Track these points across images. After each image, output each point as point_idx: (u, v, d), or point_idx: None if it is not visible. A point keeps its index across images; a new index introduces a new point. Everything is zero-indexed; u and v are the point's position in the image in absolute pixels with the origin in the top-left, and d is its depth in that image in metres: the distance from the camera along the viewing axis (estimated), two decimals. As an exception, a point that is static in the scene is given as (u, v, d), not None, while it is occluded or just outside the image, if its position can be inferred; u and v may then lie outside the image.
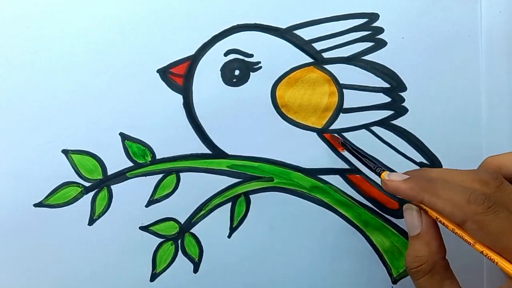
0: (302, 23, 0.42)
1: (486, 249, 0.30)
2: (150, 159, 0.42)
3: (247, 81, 0.42)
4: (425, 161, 0.43)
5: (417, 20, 0.43)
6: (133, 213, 0.43)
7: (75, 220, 0.42)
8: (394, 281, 0.44)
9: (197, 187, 0.43)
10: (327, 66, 0.43)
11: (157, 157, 0.42)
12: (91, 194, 0.42)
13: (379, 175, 0.36)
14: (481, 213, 0.30)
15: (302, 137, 0.43)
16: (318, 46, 0.42)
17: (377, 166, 0.37)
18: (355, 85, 0.43)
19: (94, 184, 0.42)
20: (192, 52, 0.42)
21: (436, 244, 0.33)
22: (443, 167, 0.43)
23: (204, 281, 0.44)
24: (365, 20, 0.42)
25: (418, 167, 0.43)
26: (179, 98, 0.42)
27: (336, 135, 0.43)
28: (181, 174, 0.43)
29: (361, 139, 0.43)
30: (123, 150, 0.42)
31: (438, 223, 0.33)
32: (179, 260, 0.43)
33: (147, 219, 0.43)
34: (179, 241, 0.43)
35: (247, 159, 0.43)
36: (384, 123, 0.43)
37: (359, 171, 0.43)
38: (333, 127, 0.43)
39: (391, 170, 0.38)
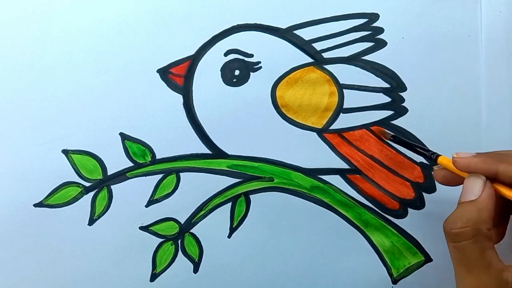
0: (302, 23, 0.42)
1: None
2: (150, 159, 0.42)
3: (247, 81, 0.42)
4: (425, 161, 0.43)
5: (417, 20, 0.43)
6: (133, 213, 0.43)
7: (75, 220, 0.42)
8: (394, 281, 0.44)
9: (197, 187, 0.43)
10: (327, 66, 0.43)
11: (157, 157, 0.42)
12: (91, 194, 0.42)
13: (435, 160, 0.36)
14: None
15: (302, 137, 0.43)
16: (318, 46, 0.42)
17: (432, 152, 0.37)
18: (355, 85, 0.43)
19: (94, 184, 0.42)
20: (192, 52, 0.42)
21: (487, 214, 0.32)
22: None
23: (204, 281, 0.44)
24: (365, 20, 0.42)
25: (419, 168, 0.43)
26: (179, 98, 0.42)
27: (385, 130, 0.42)
28: (181, 174, 0.43)
29: (361, 139, 0.43)
30: (123, 150, 0.42)
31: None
32: (179, 260, 0.43)
33: (147, 219, 0.43)
34: (179, 241, 0.43)
35: (247, 159, 0.43)
36: (384, 123, 0.43)
37: (359, 171, 0.43)
38: (333, 127, 0.43)
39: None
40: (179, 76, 0.42)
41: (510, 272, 0.31)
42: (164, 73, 0.42)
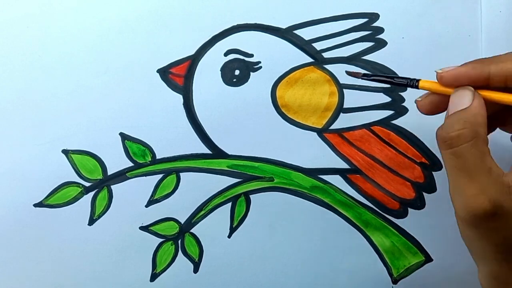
0: (302, 23, 0.42)
1: None
2: (150, 159, 0.42)
3: (247, 81, 0.42)
4: (425, 161, 0.43)
5: (417, 20, 0.43)
6: (133, 213, 0.43)
7: (75, 220, 0.42)
8: (394, 281, 0.44)
9: (197, 187, 0.43)
10: (327, 66, 0.43)
11: (157, 157, 0.42)
12: (91, 194, 0.42)
13: (416, 86, 0.34)
14: None
15: (302, 137, 0.43)
16: (318, 46, 0.42)
17: (411, 78, 0.35)
18: (355, 85, 0.43)
19: (94, 184, 0.42)
20: (192, 52, 0.42)
21: (482, 119, 0.30)
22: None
23: (204, 281, 0.44)
24: (365, 20, 0.42)
25: (420, 168, 0.43)
26: (179, 98, 0.42)
27: (355, 72, 0.40)
28: (181, 174, 0.43)
29: (361, 139, 0.43)
30: (123, 150, 0.42)
31: None
32: (179, 260, 0.43)
33: (147, 219, 0.43)
34: (179, 241, 0.43)
35: (247, 159, 0.43)
36: (384, 123, 0.43)
37: (359, 171, 0.43)
38: (333, 127, 0.43)
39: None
40: (179, 76, 0.42)
41: (509, 176, 0.29)
42: (164, 73, 0.42)
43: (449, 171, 0.31)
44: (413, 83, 0.35)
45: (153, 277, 0.43)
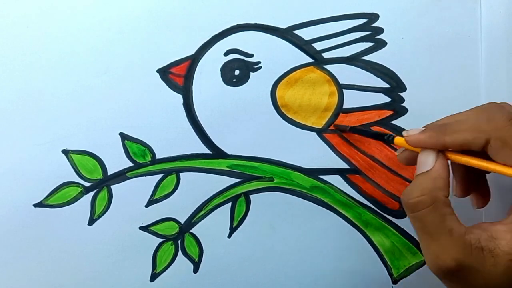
0: (302, 23, 0.42)
1: (509, 168, 0.30)
2: (150, 159, 0.42)
3: (247, 81, 0.42)
4: (425, 161, 0.43)
5: (417, 20, 0.43)
6: (133, 213, 0.43)
7: (75, 220, 0.42)
8: (394, 281, 0.44)
9: (197, 187, 0.43)
10: (327, 66, 0.43)
11: (157, 157, 0.42)
12: (91, 194, 0.42)
13: (392, 141, 0.36)
14: (502, 127, 0.31)
15: (302, 137, 0.43)
16: (318, 46, 0.42)
17: (388, 135, 0.37)
18: (355, 85, 0.43)
19: (94, 184, 0.42)
20: (192, 52, 0.42)
21: (442, 182, 0.32)
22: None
23: (204, 281, 0.44)
24: (365, 20, 0.42)
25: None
26: (179, 98, 0.42)
27: (343, 125, 0.43)
28: (181, 174, 0.43)
29: (361, 139, 0.43)
30: (123, 150, 0.42)
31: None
32: (179, 260, 0.43)
33: (147, 219, 0.43)
34: (179, 241, 0.43)
35: (247, 159, 0.43)
36: (383, 123, 0.43)
37: (359, 171, 0.43)
38: (333, 127, 0.43)
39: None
40: (179, 76, 0.42)
41: (473, 233, 0.31)
42: (164, 73, 0.42)
43: (415, 231, 0.33)
44: (390, 139, 0.37)
45: (153, 277, 0.43)
